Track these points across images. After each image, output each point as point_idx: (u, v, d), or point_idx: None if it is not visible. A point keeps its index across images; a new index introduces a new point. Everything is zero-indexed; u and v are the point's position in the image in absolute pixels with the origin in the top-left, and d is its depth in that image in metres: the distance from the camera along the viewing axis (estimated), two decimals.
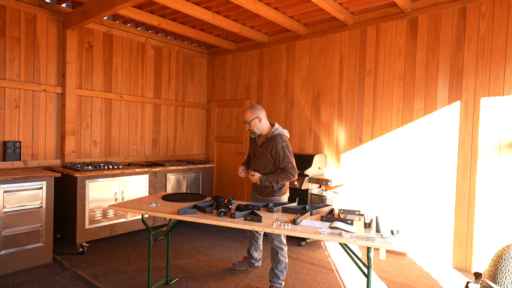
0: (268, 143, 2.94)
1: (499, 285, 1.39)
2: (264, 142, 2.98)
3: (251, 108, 2.97)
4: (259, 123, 2.95)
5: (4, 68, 3.69)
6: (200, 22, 4.75)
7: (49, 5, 3.98)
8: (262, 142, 3.00)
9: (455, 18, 3.57)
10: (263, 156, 2.96)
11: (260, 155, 2.99)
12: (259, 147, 3.01)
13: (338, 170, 4.45)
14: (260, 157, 2.99)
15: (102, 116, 4.59)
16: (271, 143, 2.91)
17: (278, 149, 2.86)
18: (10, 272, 3.13)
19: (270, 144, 2.91)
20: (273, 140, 2.91)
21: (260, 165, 3.00)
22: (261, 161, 2.98)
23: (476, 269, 3.42)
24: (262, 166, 2.99)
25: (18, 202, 3.17)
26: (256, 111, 2.95)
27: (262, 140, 3.02)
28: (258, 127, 2.97)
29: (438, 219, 3.65)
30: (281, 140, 2.90)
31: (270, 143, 2.92)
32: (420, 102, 3.79)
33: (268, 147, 2.91)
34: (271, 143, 2.91)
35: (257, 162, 3.01)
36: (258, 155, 3.00)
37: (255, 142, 3.09)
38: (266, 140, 2.96)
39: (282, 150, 2.86)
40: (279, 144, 2.87)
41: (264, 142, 2.97)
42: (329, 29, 4.52)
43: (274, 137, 2.93)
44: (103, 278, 3.05)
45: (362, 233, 2.04)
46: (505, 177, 3.27)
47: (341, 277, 3.23)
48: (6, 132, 3.73)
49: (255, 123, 2.94)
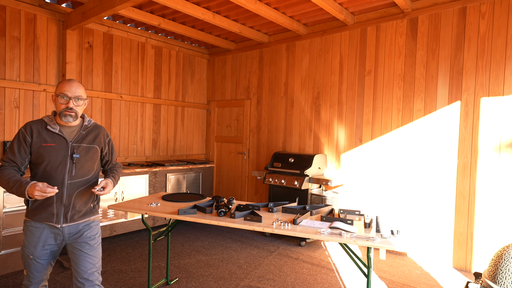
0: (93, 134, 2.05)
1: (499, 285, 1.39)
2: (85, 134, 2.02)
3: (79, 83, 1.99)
4: (83, 107, 2.00)
5: (4, 68, 3.69)
6: (200, 22, 4.75)
7: (49, 5, 3.98)
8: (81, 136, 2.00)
9: (455, 18, 3.57)
10: (87, 152, 1.99)
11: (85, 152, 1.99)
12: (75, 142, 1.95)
13: (338, 170, 4.45)
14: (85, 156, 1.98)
15: (102, 116, 4.59)
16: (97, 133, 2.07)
17: (111, 141, 2.19)
18: (10, 272, 3.13)
19: (95, 135, 2.06)
20: (98, 129, 2.10)
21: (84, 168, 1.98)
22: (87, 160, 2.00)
23: (476, 269, 3.42)
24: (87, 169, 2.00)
25: (18, 202, 3.17)
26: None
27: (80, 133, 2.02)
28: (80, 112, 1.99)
29: (438, 219, 3.65)
30: None
31: (93, 134, 2.05)
32: (420, 102, 3.79)
33: (95, 140, 2.05)
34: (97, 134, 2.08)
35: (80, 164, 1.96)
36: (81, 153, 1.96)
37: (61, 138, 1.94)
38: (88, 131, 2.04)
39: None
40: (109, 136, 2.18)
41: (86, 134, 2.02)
42: (329, 29, 4.52)
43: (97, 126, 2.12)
44: (103, 278, 3.05)
45: (362, 233, 2.04)
46: (505, 177, 3.27)
47: (341, 277, 3.23)
48: (6, 132, 3.73)
49: (83, 105, 1.99)
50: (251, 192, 5.45)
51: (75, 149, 1.92)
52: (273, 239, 4.36)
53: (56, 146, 1.88)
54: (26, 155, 1.87)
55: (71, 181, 1.90)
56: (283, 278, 3.18)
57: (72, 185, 1.91)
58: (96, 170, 2.07)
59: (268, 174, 4.42)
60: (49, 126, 1.90)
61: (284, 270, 3.37)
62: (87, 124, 2.05)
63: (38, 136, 1.87)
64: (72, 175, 1.90)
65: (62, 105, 1.88)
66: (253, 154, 5.44)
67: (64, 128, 1.95)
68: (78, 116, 1.95)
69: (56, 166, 1.87)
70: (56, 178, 1.87)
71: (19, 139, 1.86)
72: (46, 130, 1.90)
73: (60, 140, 1.90)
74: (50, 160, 1.86)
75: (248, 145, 5.50)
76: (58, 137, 1.90)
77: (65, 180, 1.88)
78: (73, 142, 1.93)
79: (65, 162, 1.89)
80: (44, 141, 1.87)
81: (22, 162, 1.87)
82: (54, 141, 1.89)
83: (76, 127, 2.00)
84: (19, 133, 1.88)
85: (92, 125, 2.07)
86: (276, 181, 4.29)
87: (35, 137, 1.86)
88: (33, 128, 1.88)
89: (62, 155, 1.89)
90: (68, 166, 1.90)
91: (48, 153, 1.86)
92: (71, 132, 1.97)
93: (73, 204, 1.91)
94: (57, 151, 1.87)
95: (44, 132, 1.89)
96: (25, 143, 1.86)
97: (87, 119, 2.07)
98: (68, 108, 1.88)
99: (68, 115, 1.89)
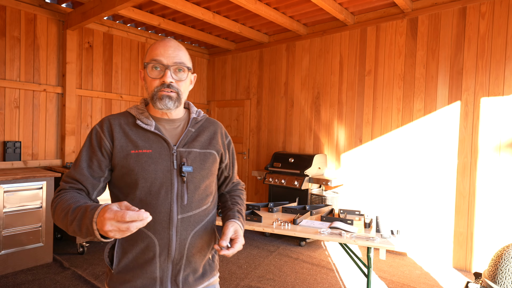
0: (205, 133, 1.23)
1: (499, 285, 1.39)
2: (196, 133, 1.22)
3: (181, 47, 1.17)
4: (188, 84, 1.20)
5: (4, 68, 3.69)
6: (200, 22, 4.75)
7: (49, 5, 3.98)
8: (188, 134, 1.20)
9: (455, 18, 3.57)
10: (203, 161, 1.18)
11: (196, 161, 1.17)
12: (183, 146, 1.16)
13: (338, 170, 4.45)
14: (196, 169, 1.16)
15: (102, 116, 4.59)
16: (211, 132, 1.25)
17: (232, 145, 1.36)
18: (10, 272, 3.14)
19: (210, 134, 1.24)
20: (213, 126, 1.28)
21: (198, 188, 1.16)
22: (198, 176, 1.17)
23: (476, 269, 3.42)
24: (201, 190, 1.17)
25: (18, 202, 3.17)
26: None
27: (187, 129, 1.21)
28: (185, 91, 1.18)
29: (438, 219, 3.65)
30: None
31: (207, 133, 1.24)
32: (420, 102, 3.79)
33: (211, 142, 1.23)
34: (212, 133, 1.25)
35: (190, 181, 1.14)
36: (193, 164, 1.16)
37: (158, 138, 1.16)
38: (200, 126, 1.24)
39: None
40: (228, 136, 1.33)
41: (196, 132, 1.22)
42: (329, 29, 4.52)
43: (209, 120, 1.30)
44: (103, 278, 3.05)
45: (362, 233, 2.04)
46: (505, 177, 3.27)
47: (341, 277, 3.23)
48: (6, 132, 3.74)
49: (188, 79, 1.18)
50: (251, 192, 5.45)
51: (184, 158, 1.11)
52: (273, 239, 4.36)
53: (153, 154, 1.09)
54: (101, 171, 1.09)
55: (183, 215, 1.08)
56: (283, 278, 3.18)
57: (184, 223, 1.09)
58: (215, 195, 1.24)
59: (268, 174, 4.43)
60: (139, 121, 1.12)
61: (284, 270, 3.37)
62: (197, 117, 1.23)
63: (123, 138, 1.10)
64: (183, 204, 1.09)
65: (154, 80, 1.09)
66: (253, 154, 5.44)
67: (162, 124, 1.15)
68: (181, 98, 1.13)
69: (156, 189, 1.06)
70: (157, 211, 1.06)
71: (90, 144, 1.10)
72: (136, 127, 1.12)
73: (158, 143, 1.10)
74: (145, 178, 1.06)
75: (248, 145, 5.50)
76: (155, 138, 1.11)
77: (173, 214, 1.07)
78: (180, 146, 1.12)
79: (171, 181, 1.08)
80: (134, 145, 1.09)
81: (95, 183, 1.08)
82: (150, 145, 1.10)
83: (180, 121, 1.19)
84: (91, 134, 1.12)
85: (203, 118, 1.25)
86: (276, 181, 4.29)
87: (119, 139, 1.09)
88: (113, 126, 1.11)
89: (164, 169, 1.08)
90: (176, 188, 1.08)
91: (140, 166, 1.06)
92: (174, 130, 1.16)
93: (187, 257, 1.11)
94: (155, 162, 1.08)
95: (133, 131, 1.11)
96: (100, 151, 1.08)
97: (194, 108, 1.26)
98: (164, 85, 1.08)
99: (165, 97, 1.08)
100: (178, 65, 1.10)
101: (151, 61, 1.09)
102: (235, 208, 1.24)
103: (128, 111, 1.18)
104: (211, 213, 1.20)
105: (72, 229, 0.93)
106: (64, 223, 0.95)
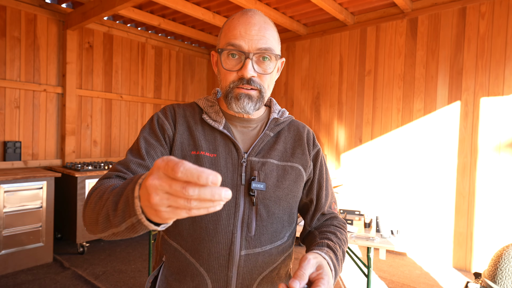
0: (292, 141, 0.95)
1: (498, 285, 1.39)
2: (275, 138, 0.93)
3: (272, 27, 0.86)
4: (275, 76, 0.89)
5: (4, 68, 3.70)
6: (200, 22, 4.75)
7: (49, 5, 3.99)
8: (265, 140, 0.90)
9: (454, 18, 3.57)
10: (282, 177, 0.87)
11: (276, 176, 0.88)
12: (255, 155, 0.87)
13: (338, 170, 4.45)
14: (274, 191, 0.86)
15: (102, 116, 4.60)
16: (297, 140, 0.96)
17: (321, 158, 0.98)
18: (11, 272, 3.14)
19: (294, 141, 0.95)
20: (300, 130, 0.98)
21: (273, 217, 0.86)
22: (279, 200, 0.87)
23: (476, 269, 3.43)
24: (276, 220, 0.86)
25: (19, 202, 3.17)
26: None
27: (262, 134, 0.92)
28: (269, 86, 0.87)
29: (438, 219, 3.65)
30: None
31: (291, 140, 0.95)
32: (420, 102, 3.79)
33: (295, 151, 0.93)
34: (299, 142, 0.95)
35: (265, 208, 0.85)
36: (268, 179, 0.86)
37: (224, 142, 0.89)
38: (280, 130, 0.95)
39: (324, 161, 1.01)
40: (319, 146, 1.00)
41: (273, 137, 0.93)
42: (329, 29, 4.52)
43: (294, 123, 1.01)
44: (103, 278, 3.05)
45: (362, 233, 2.04)
46: (505, 177, 3.27)
47: (341, 277, 3.23)
48: (7, 132, 3.74)
49: (276, 69, 0.88)
50: None
51: (255, 170, 0.84)
52: None
53: (217, 160, 0.84)
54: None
55: (248, 251, 0.80)
56: None
57: (249, 263, 0.80)
58: (293, 225, 0.93)
59: None
60: (206, 115, 0.89)
61: None
62: (278, 117, 0.94)
63: (186, 133, 0.87)
64: (250, 234, 0.81)
65: (230, 73, 0.82)
66: None
67: (234, 123, 0.90)
68: (264, 97, 0.86)
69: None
70: (214, 240, 0.79)
71: (151, 129, 0.87)
72: (201, 123, 0.89)
73: (225, 146, 0.86)
74: None
75: None
76: (223, 141, 0.86)
77: (234, 248, 0.79)
78: (252, 155, 0.86)
79: (235, 202, 0.81)
80: (195, 145, 0.85)
81: None
82: (215, 147, 0.85)
83: (257, 121, 0.92)
84: (152, 120, 0.89)
85: (287, 120, 0.95)
86: None
87: (181, 133, 0.86)
88: (178, 116, 0.88)
89: (228, 183, 0.82)
90: (241, 211, 0.81)
91: None
92: (248, 132, 0.91)
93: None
94: (219, 172, 0.79)
95: (198, 127, 0.88)
96: (163, 138, 0.85)
97: (277, 107, 0.98)
98: (243, 80, 0.81)
99: (243, 96, 0.82)
100: (264, 52, 0.79)
101: (227, 46, 0.80)
102: (323, 241, 0.81)
103: (196, 102, 0.94)
104: (288, 252, 0.87)
105: (103, 217, 0.61)
106: (96, 210, 0.64)
